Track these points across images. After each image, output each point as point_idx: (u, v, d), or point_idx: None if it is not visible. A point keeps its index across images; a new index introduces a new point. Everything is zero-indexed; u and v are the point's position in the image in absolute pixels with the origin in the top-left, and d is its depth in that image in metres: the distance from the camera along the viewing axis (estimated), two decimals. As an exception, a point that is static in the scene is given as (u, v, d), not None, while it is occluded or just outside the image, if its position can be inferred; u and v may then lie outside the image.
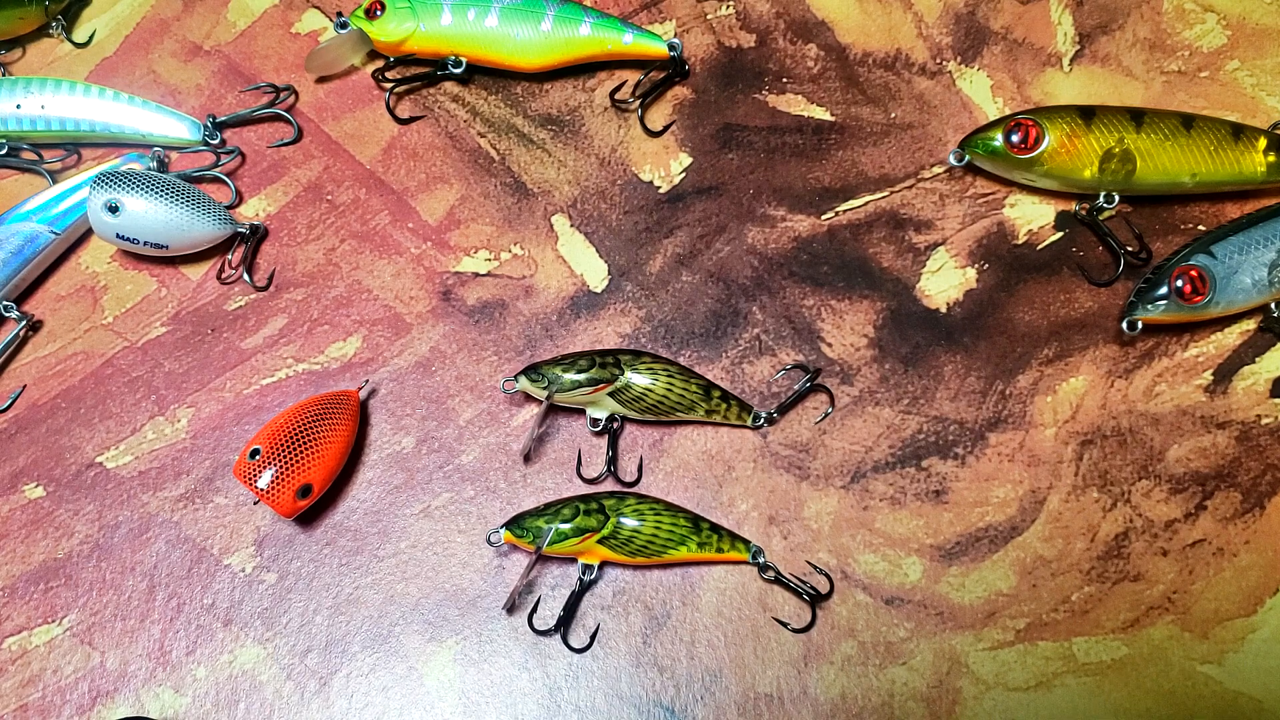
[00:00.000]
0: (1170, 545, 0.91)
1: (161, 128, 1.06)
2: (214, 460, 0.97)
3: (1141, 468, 0.94)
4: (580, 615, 0.92)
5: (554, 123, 1.06)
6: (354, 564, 0.94)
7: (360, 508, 0.96)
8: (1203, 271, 0.92)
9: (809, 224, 1.02)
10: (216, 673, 0.92)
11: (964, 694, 0.88)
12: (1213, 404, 0.95)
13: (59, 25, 1.11)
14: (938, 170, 1.03)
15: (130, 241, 0.98)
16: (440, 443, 0.97)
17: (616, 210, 1.03)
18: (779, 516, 0.94)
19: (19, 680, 0.92)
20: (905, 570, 0.92)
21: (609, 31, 1.03)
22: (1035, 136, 0.95)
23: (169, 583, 0.94)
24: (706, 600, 0.92)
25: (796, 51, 1.07)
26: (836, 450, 0.95)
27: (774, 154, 1.04)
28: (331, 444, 0.91)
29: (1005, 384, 0.96)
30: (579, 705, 0.90)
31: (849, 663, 0.89)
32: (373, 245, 1.03)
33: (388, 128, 1.07)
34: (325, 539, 0.95)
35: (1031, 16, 1.07)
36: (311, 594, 0.93)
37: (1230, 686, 0.88)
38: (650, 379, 0.92)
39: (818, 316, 0.99)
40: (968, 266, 1.00)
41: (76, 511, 0.96)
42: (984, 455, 0.94)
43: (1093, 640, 0.89)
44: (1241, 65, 1.04)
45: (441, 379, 0.99)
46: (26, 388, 1.01)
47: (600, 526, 0.89)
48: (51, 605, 0.94)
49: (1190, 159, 0.95)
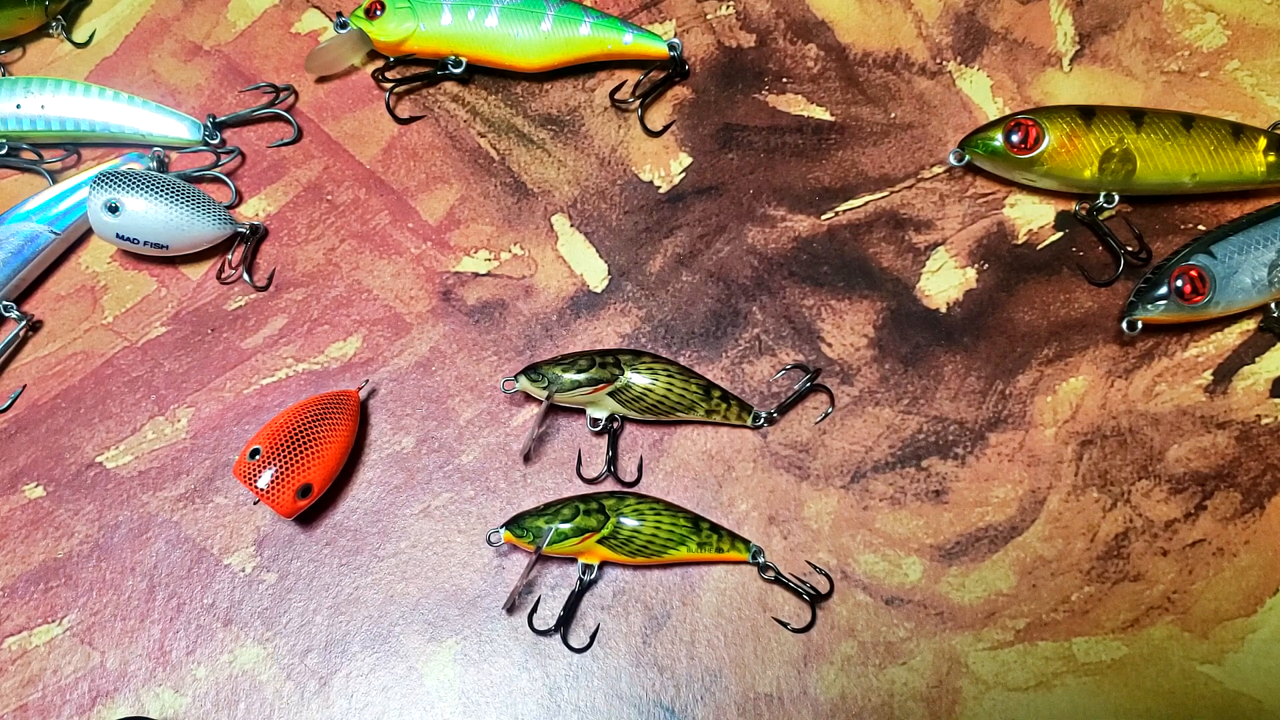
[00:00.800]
0: (1170, 545, 0.91)
1: (161, 128, 1.06)
2: (214, 460, 0.97)
3: (1141, 468, 0.94)
4: (580, 615, 0.92)
5: (554, 123, 1.06)
6: (354, 564, 0.94)
7: (360, 508, 0.96)
8: (1203, 271, 0.92)
9: (809, 224, 1.02)
10: (216, 672, 0.92)
11: (964, 694, 0.88)
12: (1213, 404, 0.95)
13: (59, 25, 1.11)
14: (938, 170, 1.03)
15: (130, 241, 0.98)
16: (440, 442, 0.97)
17: (616, 210, 1.03)
18: (779, 516, 0.94)
19: (19, 680, 0.92)
20: (905, 570, 0.92)
21: (609, 31, 1.03)
22: (1035, 136, 0.95)
23: (169, 583, 0.94)
24: (706, 600, 0.92)
25: (796, 51, 1.07)
26: (836, 450, 0.95)
27: (774, 154, 1.04)
28: (331, 444, 0.91)
29: (1005, 384, 0.96)
30: (579, 705, 0.90)
31: (849, 663, 0.89)
32: (373, 245, 1.03)
33: (388, 128, 1.07)
34: (325, 539, 0.95)
35: (1031, 16, 1.07)
36: (311, 594, 0.93)
37: (1230, 686, 0.88)
38: (650, 379, 0.92)
39: (818, 316, 0.99)
40: (968, 266, 1.00)
41: (76, 511, 0.97)
42: (984, 455, 0.94)
43: (1093, 640, 0.89)
44: (1241, 65, 1.04)
45: (441, 379, 0.99)
46: (26, 388, 1.01)
47: (600, 526, 0.89)
48: (51, 605, 0.94)
49: (1190, 159, 0.95)
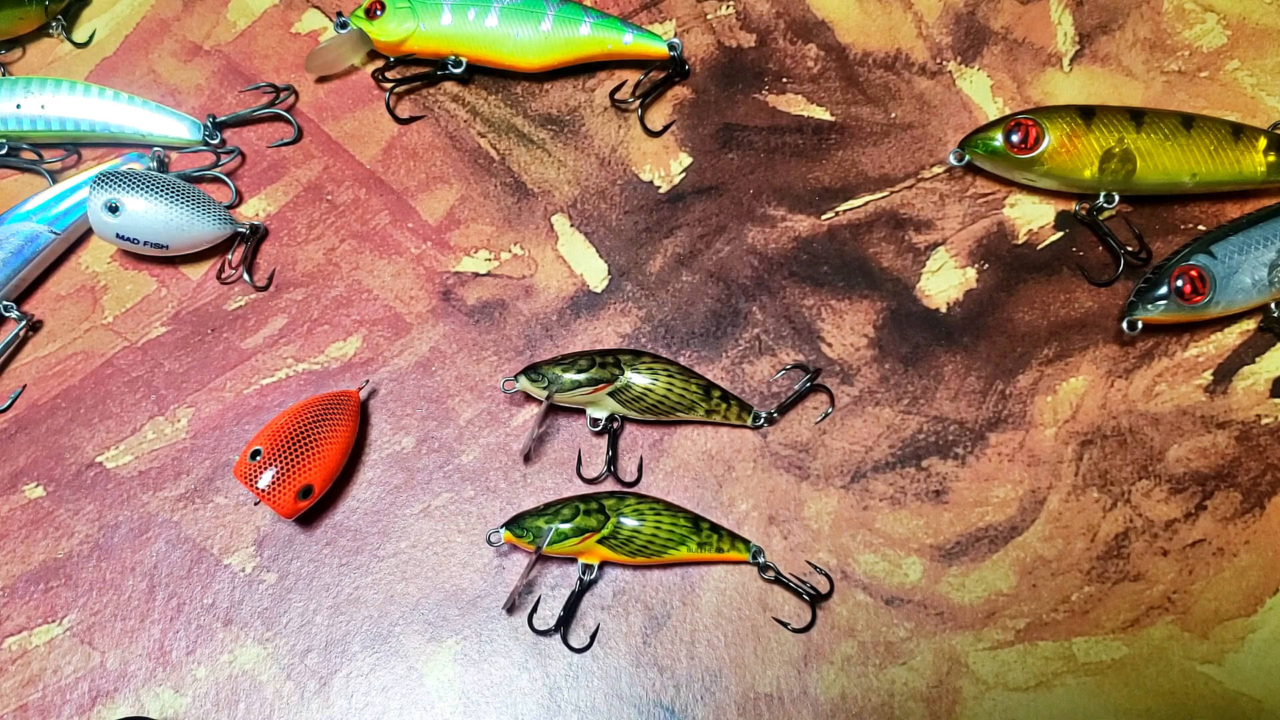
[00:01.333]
0: (1170, 545, 0.91)
1: (161, 128, 1.05)
2: (214, 460, 0.97)
3: (1141, 468, 0.94)
4: (580, 615, 0.92)
5: (554, 123, 1.06)
6: (354, 564, 0.94)
7: (360, 508, 0.96)
8: (1203, 271, 0.92)
9: (809, 224, 1.02)
10: (216, 672, 0.92)
11: (964, 694, 0.88)
12: (1213, 404, 0.95)
13: (59, 25, 1.11)
14: (938, 170, 1.03)
15: (130, 241, 0.98)
16: (440, 442, 0.97)
17: (616, 210, 1.03)
18: (779, 516, 0.94)
19: (19, 680, 0.92)
20: (905, 570, 0.92)
21: (609, 31, 1.03)
22: (1035, 136, 0.95)
23: (169, 583, 0.94)
24: (706, 600, 0.92)
25: (796, 51, 1.07)
26: (836, 450, 0.95)
27: (774, 154, 1.04)
28: (332, 444, 0.91)
29: (1005, 384, 0.96)
30: (579, 705, 0.90)
31: (849, 663, 0.89)
32: (373, 245, 1.03)
33: (388, 128, 1.07)
34: (325, 539, 0.95)
35: (1031, 16, 1.07)
36: (311, 594, 0.93)
37: (1230, 686, 0.88)
38: (650, 379, 0.92)
39: (818, 316, 0.99)
40: (968, 266, 1.00)
41: (76, 511, 0.96)
42: (984, 455, 0.94)
43: (1093, 640, 0.89)
44: (1241, 65, 1.04)
45: (441, 379, 0.99)
46: (26, 388, 1.01)
47: (600, 526, 0.89)
48: (51, 605, 0.94)
49: (1190, 159, 0.95)
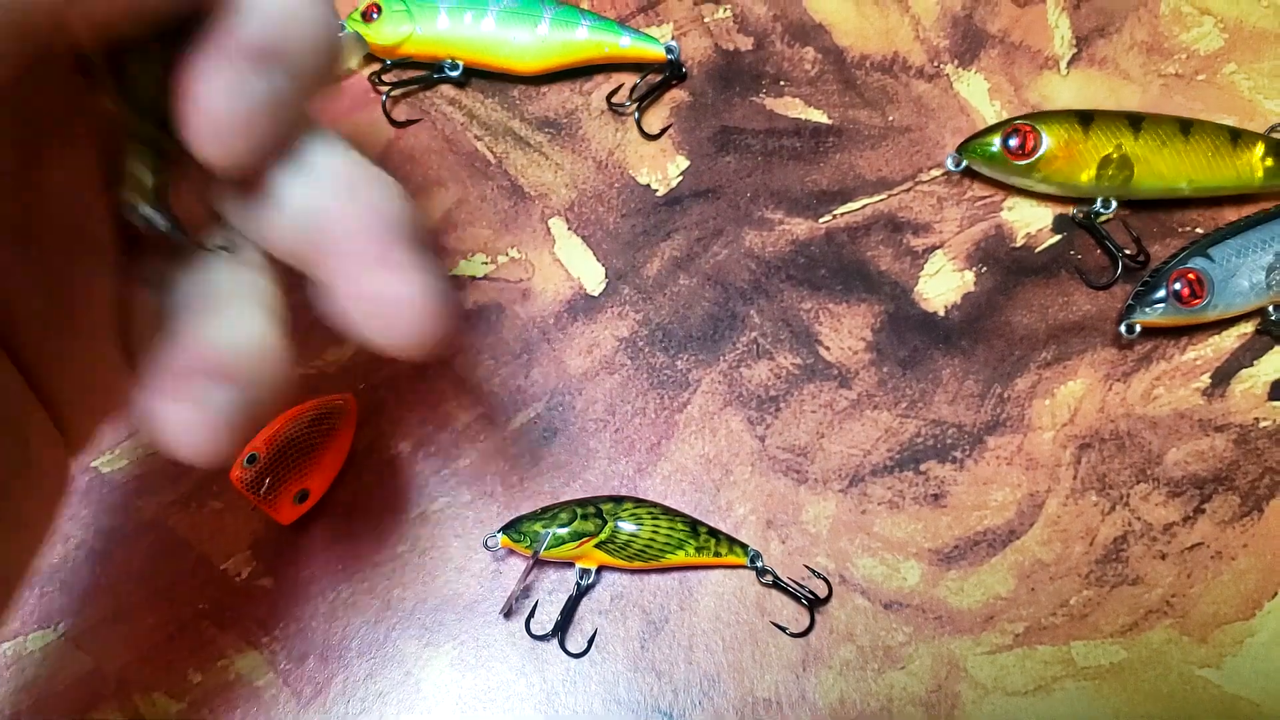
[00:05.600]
0: (1169, 549, 0.91)
1: (157, 130, 1.05)
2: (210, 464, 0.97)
3: (1140, 471, 0.93)
4: (578, 620, 0.92)
5: (551, 126, 1.06)
6: (350, 569, 0.94)
7: (357, 512, 0.95)
8: (1200, 275, 0.92)
9: (806, 227, 1.02)
10: (212, 678, 0.91)
11: (963, 698, 0.88)
12: (1210, 407, 0.95)
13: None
14: (935, 173, 1.03)
15: (125, 245, 0.98)
16: (437, 447, 0.97)
17: (614, 213, 1.03)
18: (777, 520, 0.93)
19: (13, 687, 0.91)
20: (903, 574, 0.92)
21: (606, 34, 1.03)
22: (1033, 142, 0.95)
23: (165, 588, 0.94)
24: (704, 605, 0.91)
25: (794, 55, 1.07)
26: (834, 454, 0.95)
27: (771, 157, 1.04)
28: (329, 449, 0.91)
29: (1003, 387, 0.96)
30: (576, 710, 0.89)
31: (847, 667, 0.89)
32: (369, 248, 1.03)
33: (384, 131, 1.06)
34: (322, 543, 0.94)
35: (1029, 19, 1.07)
36: (308, 599, 0.93)
37: (1229, 690, 0.88)
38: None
39: (815, 320, 0.99)
40: (966, 269, 1.00)
41: (71, 516, 0.96)
42: (982, 459, 0.94)
43: (1091, 644, 0.89)
44: (1238, 68, 1.04)
45: (438, 383, 0.99)
46: (21, 392, 1.00)
47: (598, 531, 0.88)
48: (46, 610, 0.94)
49: (1188, 164, 0.95)
